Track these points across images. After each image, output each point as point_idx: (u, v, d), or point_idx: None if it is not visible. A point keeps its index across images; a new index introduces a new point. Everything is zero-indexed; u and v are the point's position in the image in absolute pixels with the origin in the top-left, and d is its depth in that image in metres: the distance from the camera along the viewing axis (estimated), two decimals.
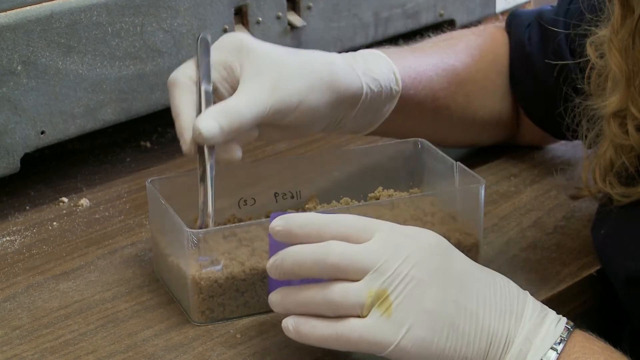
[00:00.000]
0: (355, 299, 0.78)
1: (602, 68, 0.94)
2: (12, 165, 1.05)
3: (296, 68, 0.93)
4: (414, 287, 0.78)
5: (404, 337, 0.77)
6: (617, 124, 0.91)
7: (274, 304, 0.82)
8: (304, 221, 0.81)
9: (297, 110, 0.92)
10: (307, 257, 0.79)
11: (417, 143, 1.02)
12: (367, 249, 0.79)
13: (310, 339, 0.80)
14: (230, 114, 0.88)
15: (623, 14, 0.88)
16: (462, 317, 0.78)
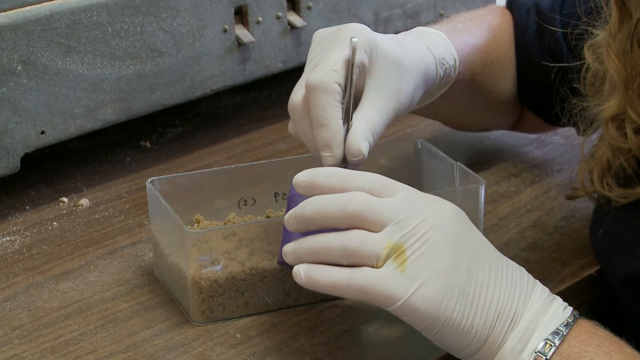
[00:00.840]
0: (373, 248, 0.78)
1: (599, 71, 0.94)
2: (12, 165, 1.05)
3: (409, 68, 0.91)
4: (430, 247, 0.78)
5: (414, 293, 0.77)
6: (615, 127, 0.92)
7: (287, 254, 0.81)
8: (328, 173, 0.81)
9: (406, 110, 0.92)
10: (328, 204, 0.79)
11: (417, 143, 1.02)
12: (389, 202, 0.79)
13: (322, 284, 0.79)
14: (375, 130, 0.87)
15: (621, 18, 0.88)
16: (473, 285, 0.79)
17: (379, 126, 0.87)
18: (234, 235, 0.89)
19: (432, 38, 0.98)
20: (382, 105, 0.88)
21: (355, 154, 0.85)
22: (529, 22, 1.09)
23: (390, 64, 0.89)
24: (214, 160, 1.19)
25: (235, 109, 1.33)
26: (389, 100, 0.88)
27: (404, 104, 0.90)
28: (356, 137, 0.85)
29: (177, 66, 1.14)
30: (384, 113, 0.88)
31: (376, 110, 0.87)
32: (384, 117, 0.88)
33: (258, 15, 1.19)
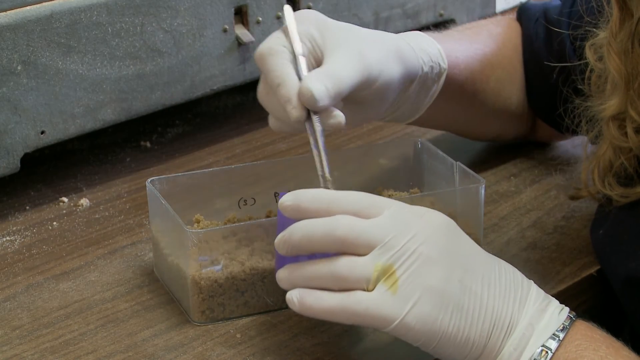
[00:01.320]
0: (362, 272, 0.78)
1: (602, 70, 0.94)
2: (12, 165, 1.05)
3: (373, 40, 0.92)
4: (420, 264, 0.78)
5: (408, 313, 0.77)
6: (616, 126, 0.92)
7: (281, 280, 0.82)
8: (313, 196, 0.81)
9: (379, 80, 0.91)
10: (315, 230, 0.79)
11: (417, 143, 1.02)
12: (376, 224, 0.79)
13: (315, 310, 0.80)
14: (333, 77, 0.86)
15: (622, 17, 0.88)
16: (466, 297, 0.79)
17: (338, 74, 0.87)
18: (234, 235, 0.89)
19: (409, 35, 0.99)
20: (341, 59, 0.88)
21: (304, 92, 0.85)
22: (538, 30, 1.10)
23: (346, 32, 0.90)
24: (214, 160, 1.19)
25: (235, 109, 1.33)
26: (349, 56, 0.88)
27: (373, 67, 0.90)
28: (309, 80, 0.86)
29: (177, 66, 1.14)
30: (344, 64, 0.88)
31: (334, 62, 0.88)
32: (346, 68, 0.87)
33: (258, 15, 1.19)
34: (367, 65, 0.89)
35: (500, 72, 1.09)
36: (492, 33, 1.11)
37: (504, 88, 1.09)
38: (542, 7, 1.12)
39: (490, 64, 1.07)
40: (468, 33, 1.09)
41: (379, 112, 0.97)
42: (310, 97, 0.85)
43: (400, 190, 0.99)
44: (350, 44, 0.90)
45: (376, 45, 0.91)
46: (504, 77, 1.09)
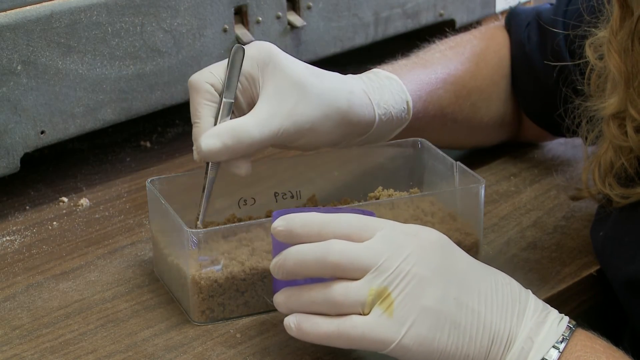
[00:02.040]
0: (356, 297, 0.78)
1: (602, 69, 0.94)
2: (12, 165, 1.05)
3: (316, 95, 0.92)
4: (415, 285, 0.78)
5: (405, 335, 0.77)
6: (616, 125, 0.91)
7: (279, 305, 0.82)
8: (305, 221, 0.81)
9: (307, 135, 0.93)
10: (308, 256, 0.79)
11: (417, 143, 1.02)
12: (368, 247, 0.79)
13: (312, 336, 0.80)
14: (237, 133, 0.89)
15: (622, 16, 0.88)
16: (463, 314, 0.78)
17: (246, 132, 0.89)
18: (234, 235, 0.89)
19: (379, 83, 0.99)
20: (260, 116, 0.90)
21: (197, 146, 0.90)
22: (530, 34, 1.10)
23: (287, 83, 0.91)
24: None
25: None
26: (273, 114, 0.90)
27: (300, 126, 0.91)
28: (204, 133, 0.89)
29: (177, 66, 1.14)
30: (261, 123, 0.89)
31: (251, 119, 0.90)
32: (260, 127, 0.89)
33: (258, 15, 1.19)
34: (293, 123, 0.91)
35: (477, 96, 1.09)
36: (475, 51, 1.11)
37: (479, 110, 1.10)
38: (533, 10, 1.12)
39: (465, 91, 1.08)
40: (450, 55, 1.09)
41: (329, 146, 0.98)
42: (202, 152, 0.89)
43: (400, 190, 0.99)
44: (284, 98, 0.91)
45: (317, 102, 0.92)
46: (480, 99, 1.09)
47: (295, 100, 0.91)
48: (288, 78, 0.91)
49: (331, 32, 1.26)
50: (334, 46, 1.27)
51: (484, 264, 0.82)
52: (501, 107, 1.12)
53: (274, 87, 0.91)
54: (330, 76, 0.95)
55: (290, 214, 0.81)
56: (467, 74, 1.08)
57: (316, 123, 0.92)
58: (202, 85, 0.91)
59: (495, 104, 1.11)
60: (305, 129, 0.92)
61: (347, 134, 0.96)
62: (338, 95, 0.94)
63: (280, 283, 0.82)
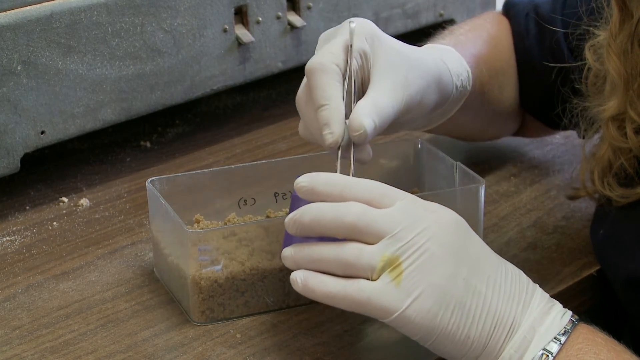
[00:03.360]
0: (368, 260, 0.78)
1: (599, 71, 0.94)
2: (12, 165, 1.05)
3: (419, 65, 0.90)
4: (426, 259, 0.78)
5: (409, 306, 0.77)
6: (615, 127, 0.92)
7: (286, 258, 0.82)
8: (328, 180, 0.81)
9: (416, 108, 0.90)
10: (326, 213, 0.79)
11: (417, 143, 1.02)
12: (386, 214, 0.79)
13: (317, 294, 0.80)
14: (381, 111, 0.85)
15: (621, 18, 0.88)
16: (470, 296, 0.79)
17: (385, 109, 0.85)
18: (234, 235, 0.89)
19: (443, 52, 0.97)
20: (388, 91, 0.86)
21: (357, 128, 0.83)
22: (529, 26, 1.09)
23: (396, 54, 0.88)
24: (214, 160, 1.19)
25: (235, 109, 1.33)
26: (395, 87, 0.87)
27: (414, 97, 0.88)
28: (358, 112, 0.84)
29: (177, 66, 1.14)
30: (391, 98, 0.86)
31: (382, 94, 0.86)
32: (392, 102, 0.86)
33: (258, 15, 1.19)
34: (410, 94, 0.88)
35: (502, 77, 1.09)
36: (491, 34, 1.10)
37: (505, 92, 1.09)
38: (530, 2, 1.11)
39: (494, 71, 1.07)
40: (471, 37, 1.08)
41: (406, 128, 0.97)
42: (363, 133, 0.84)
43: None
44: (398, 69, 0.88)
45: (421, 72, 0.90)
46: (504, 81, 1.09)
47: (406, 70, 0.88)
48: (394, 50, 0.88)
49: None
50: None
51: (496, 254, 0.83)
52: (516, 92, 1.11)
53: (386, 60, 0.87)
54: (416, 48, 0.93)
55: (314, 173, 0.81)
56: (491, 55, 1.07)
57: (423, 92, 0.90)
58: (330, 66, 0.85)
59: (514, 88, 1.11)
60: (417, 100, 0.89)
61: (436, 105, 0.94)
62: (432, 63, 0.92)
63: (292, 240, 0.82)
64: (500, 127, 1.14)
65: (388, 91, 0.86)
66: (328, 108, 0.84)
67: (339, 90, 0.85)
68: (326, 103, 0.84)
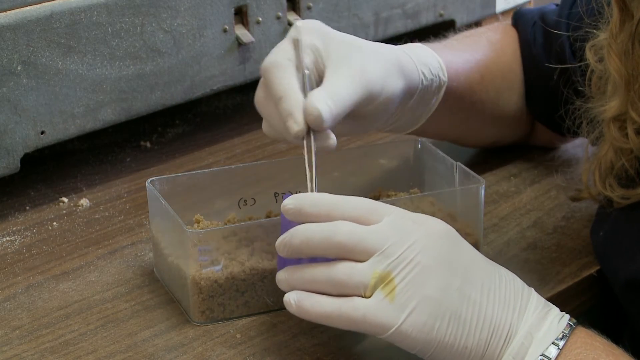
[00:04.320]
0: (360, 278, 0.78)
1: (602, 72, 0.94)
2: (12, 165, 1.05)
3: (374, 53, 0.91)
4: (418, 272, 0.78)
5: (405, 321, 0.78)
6: (616, 127, 0.92)
7: (281, 282, 0.82)
8: (315, 201, 0.81)
9: (380, 96, 0.90)
10: (315, 235, 0.80)
11: (417, 143, 1.02)
12: (375, 231, 0.79)
13: (312, 314, 0.80)
14: (335, 98, 0.86)
15: (622, 19, 0.88)
16: (465, 306, 0.79)
17: (340, 93, 0.86)
18: (234, 235, 0.89)
19: (406, 46, 0.98)
20: (343, 77, 0.87)
21: (310, 112, 0.84)
22: (536, 35, 1.10)
23: (348, 46, 0.90)
24: (214, 160, 1.19)
25: (235, 109, 1.33)
26: (351, 74, 0.88)
27: (374, 83, 0.89)
28: (311, 98, 0.85)
29: (177, 66, 1.14)
30: (346, 83, 0.87)
31: (336, 81, 0.87)
32: (347, 87, 0.87)
33: (258, 15, 1.19)
34: (369, 82, 0.89)
35: (500, 81, 1.09)
36: (491, 40, 1.11)
37: (503, 96, 1.09)
38: (538, 11, 1.12)
39: (490, 74, 1.07)
40: (468, 42, 1.09)
41: (378, 125, 0.96)
42: (318, 116, 0.84)
43: (400, 190, 0.99)
44: (352, 59, 0.89)
45: (378, 60, 0.91)
46: (503, 85, 1.09)
47: (360, 58, 0.89)
48: (347, 42, 0.90)
49: None
50: None
51: (488, 259, 0.83)
52: (520, 99, 1.11)
53: (339, 52, 0.89)
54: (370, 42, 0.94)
55: (300, 194, 0.82)
56: (488, 59, 1.08)
57: (385, 79, 0.90)
58: (283, 61, 0.88)
59: (517, 94, 1.11)
60: (378, 87, 0.90)
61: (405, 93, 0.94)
62: (388, 52, 0.93)
63: (285, 262, 0.82)
64: (500, 131, 1.14)
65: (343, 78, 0.87)
66: (287, 99, 0.86)
67: (296, 82, 0.87)
68: (285, 95, 0.86)
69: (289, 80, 0.87)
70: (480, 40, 1.10)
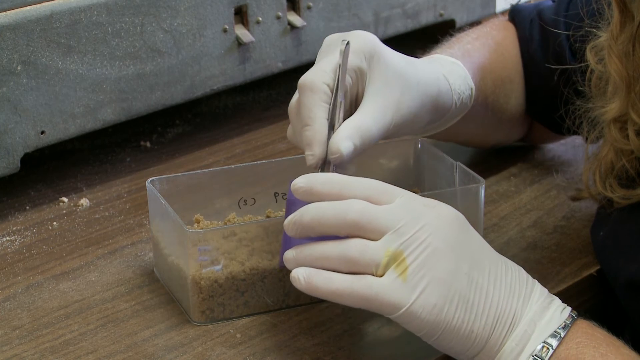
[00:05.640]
0: (372, 256, 0.78)
1: (602, 73, 0.94)
2: (12, 165, 1.05)
3: (415, 84, 0.90)
4: (429, 254, 0.78)
5: (415, 302, 0.78)
6: (617, 128, 0.92)
7: (289, 261, 0.82)
8: (326, 179, 0.81)
9: (408, 126, 0.91)
10: (327, 212, 0.79)
11: (417, 143, 1.02)
12: (387, 210, 0.79)
13: (323, 291, 0.79)
14: (364, 134, 0.86)
15: (622, 20, 0.88)
16: (473, 290, 0.79)
17: (369, 131, 0.86)
18: (234, 235, 0.89)
19: (449, 67, 0.98)
20: (376, 113, 0.87)
21: (333, 152, 0.85)
22: (533, 32, 1.10)
23: (392, 74, 0.88)
24: (214, 160, 1.19)
25: (235, 109, 1.33)
26: (385, 109, 0.88)
27: (405, 118, 0.89)
28: (338, 135, 0.85)
29: (177, 66, 1.14)
30: (378, 120, 0.87)
31: (369, 116, 0.87)
32: (378, 124, 0.87)
33: (258, 15, 1.19)
34: (401, 116, 0.89)
35: (508, 85, 1.09)
36: (497, 41, 1.10)
37: (511, 99, 1.10)
38: (535, 8, 1.11)
39: (499, 78, 1.07)
40: (477, 45, 1.08)
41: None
42: (339, 156, 0.85)
43: None
44: (391, 90, 0.88)
45: (417, 91, 0.90)
46: (510, 89, 1.09)
47: (400, 91, 0.89)
48: (392, 69, 0.89)
49: (331, 32, 1.26)
50: None
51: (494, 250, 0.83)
52: (522, 98, 1.11)
53: (380, 80, 0.88)
54: (420, 63, 0.94)
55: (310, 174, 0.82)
56: (498, 64, 1.08)
57: (416, 113, 0.91)
58: (320, 85, 0.86)
59: (521, 95, 1.11)
60: (408, 120, 0.90)
61: (431, 120, 0.95)
62: (431, 83, 0.93)
63: (291, 243, 0.82)
64: (505, 134, 1.14)
65: (376, 113, 0.87)
66: (311, 129, 0.86)
67: (324, 111, 0.86)
68: (310, 124, 0.86)
69: (318, 107, 0.86)
70: (489, 43, 1.09)
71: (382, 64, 0.88)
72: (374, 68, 0.88)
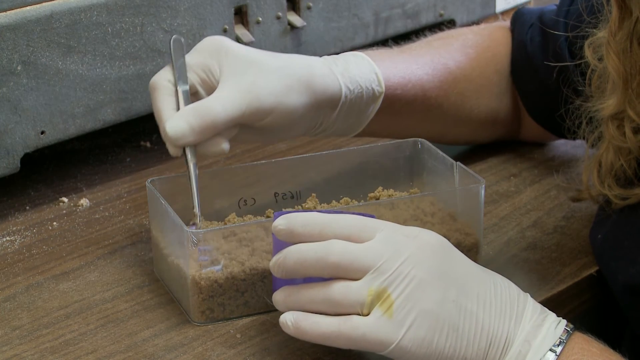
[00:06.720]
0: (356, 297, 0.78)
1: (602, 70, 0.94)
2: (12, 165, 1.05)
3: (274, 69, 0.93)
4: (414, 287, 0.78)
5: (404, 337, 0.77)
6: (615, 126, 0.91)
7: (278, 303, 0.82)
8: (306, 220, 0.81)
9: (274, 112, 0.93)
10: (308, 255, 0.80)
11: (417, 143, 1.02)
12: (368, 248, 0.79)
13: (311, 335, 0.80)
14: (202, 113, 0.90)
15: (621, 17, 0.88)
16: (462, 317, 0.79)
17: (210, 109, 0.90)
18: (234, 235, 0.89)
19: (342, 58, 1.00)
20: (222, 94, 0.91)
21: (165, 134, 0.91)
22: (533, 35, 1.10)
23: (242, 63, 0.93)
24: (214, 160, 1.19)
25: None
26: (233, 92, 0.91)
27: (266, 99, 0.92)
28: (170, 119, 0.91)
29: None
30: (223, 100, 0.91)
31: (212, 98, 0.91)
32: (224, 104, 0.91)
33: (258, 15, 1.19)
34: (256, 98, 0.92)
35: (465, 84, 1.09)
36: (466, 44, 1.11)
37: (468, 100, 1.10)
38: (537, 11, 1.12)
39: (451, 78, 1.08)
40: (436, 45, 1.10)
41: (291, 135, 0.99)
42: (170, 137, 0.91)
43: (400, 190, 0.99)
44: (244, 75, 0.92)
45: (277, 76, 0.93)
46: (469, 89, 1.09)
47: (253, 76, 0.92)
48: (242, 59, 0.93)
49: (331, 32, 1.26)
50: (334, 46, 1.27)
51: (482, 267, 0.83)
52: (493, 102, 1.12)
53: (231, 69, 0.93)
54: (286, 54, 0.98)
55: (291, 213, 0.82)
56: (452, 62, 1.08)
57: (280, 95, 0.93)
58: (160, 82, 0.93)
59: (487, 97, 1.11)
60: (270, 103, 0.93)
61: (315, 107, 0.96)
62: (296, 66, 0.95)
63: (280, 282, 0.82)
64: (471, 133, 1.14)
65: (222, 94, 0.91)
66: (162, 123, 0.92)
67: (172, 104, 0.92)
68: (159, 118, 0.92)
69: (165, 102, 0.92)
70: (452, 43, 1.10)
71: (231, 56, 0.93)
72: (223, 61, 0.93)
